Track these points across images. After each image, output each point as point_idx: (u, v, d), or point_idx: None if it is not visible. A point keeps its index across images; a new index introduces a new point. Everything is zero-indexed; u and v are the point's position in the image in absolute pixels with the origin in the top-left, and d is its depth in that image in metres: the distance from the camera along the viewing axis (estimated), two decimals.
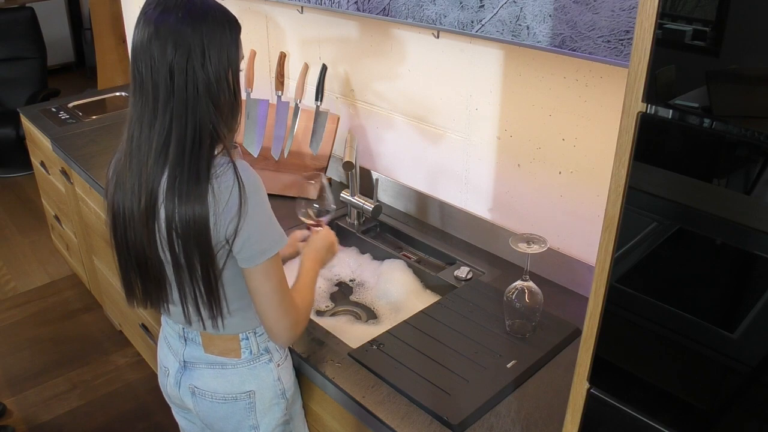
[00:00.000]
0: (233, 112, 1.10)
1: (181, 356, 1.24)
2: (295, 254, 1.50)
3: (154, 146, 1.05)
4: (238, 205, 1.03)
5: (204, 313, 1.12)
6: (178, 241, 1.05)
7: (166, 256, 1.10)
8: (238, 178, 1.04)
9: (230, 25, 1.07)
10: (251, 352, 1.21)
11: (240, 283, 1.14)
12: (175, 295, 1.15)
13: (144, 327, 2.32)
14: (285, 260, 1.49)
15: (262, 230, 1.08)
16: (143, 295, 1.19)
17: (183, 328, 1.22)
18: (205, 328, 1.17)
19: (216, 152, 1.07)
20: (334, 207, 1.47)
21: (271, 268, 1.10)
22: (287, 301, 1.14)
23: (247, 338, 1.20)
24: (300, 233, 1.48)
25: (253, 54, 2.03)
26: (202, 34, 1.02)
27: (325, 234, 1.39)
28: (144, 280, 1.15)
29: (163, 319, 1.29)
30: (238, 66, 1.10)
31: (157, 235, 1.09)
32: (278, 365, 1.24)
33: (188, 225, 1.03)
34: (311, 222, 1.44)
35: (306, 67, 1.96)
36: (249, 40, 2.25)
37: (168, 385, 1.29)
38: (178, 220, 1.04)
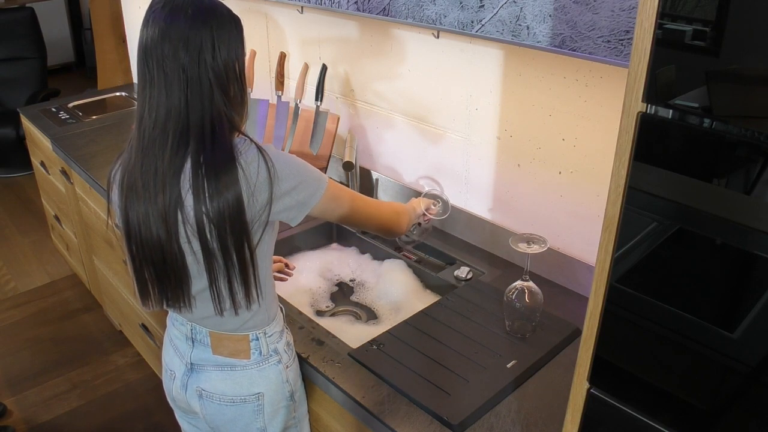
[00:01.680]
0: (242, 102, 1.15)
1: (188, 358, 1.23)
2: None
3: (170, 138, 1.05)
4: (267, 171, 1.07)
5: (239, 294, 1.13)
6: (210, 227, 1.06)
7: (191, 246, 1.09)
8: (259, 148, 1.08)
9: (235, 22, 1.10)
10: (261, 353, 1.20)
11: (266, 267, 1.17)
12: (198, 286, 1.14)
13: (144, 327, 2.32)
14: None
15: (302, 175, 1.13)
16: (159, 295, 1.16)
17: (191, 330, 1.21)
18: (237, 313, 1.15)
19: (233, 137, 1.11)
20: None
21: (333, 192, 1.19)
22: (371, 201, 1.31)
23: (257, 339, 1.20)
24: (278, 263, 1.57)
25: (253, 54, 2.03)
26: (211, 30, 1.05)
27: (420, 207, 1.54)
28: (161, 278, 1.14)
29: (169, 321, 1.28)
30: (244, 60, 1.13)
31: (182, 227, 1.08)
32: (287, 367, 1.24)
33: (222, 211, 1.05)
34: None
35: (306, 67, 1.96)
36: (249, 40, 2.25)
37: (174, 388, 1.28)
38: (210, 208, 1.04)
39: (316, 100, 1.90)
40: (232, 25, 1.09)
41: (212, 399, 1.22)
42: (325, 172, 1.97)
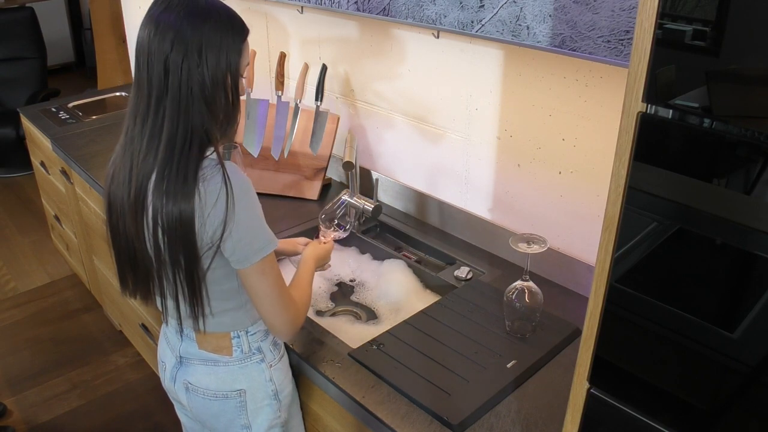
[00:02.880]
0: (229, 118, 1.09)
1: (178, 351, 1.25)
2: (294, 253, 1.51)
3: (145, 142, 1.06)
4: (225, 208, 1.03)
5: (185, 311, 1.13)
6: (164, 238, 1.06)
7: (151, 251, 1.11)
8: (225, 181, 1.03)
9: (234, 29, 1.06)
10: (242, 350, 1.21)
11: (228, 284, 1.15)
12: (160, 290, 1.16)
13: (144, 327, 2.32)
14: (282, 255, 1.54)
15: (253, 232, 1.08)
16: (134, 286, 1.20)
17: (180, 324, 1.23)
18: (183, 328, 1.19)
19: (207, 154, 1.06)
20: (350, 230, 1.64)
21: (266, 266, 1.11)
22: (285, 297, 1.15)
23: (239, 337, 1.21)
24: (304, 239, 1.52)
25: (253, 54, 2.02)
26: (201, 34, 1.02)
27: (329, 247, 1.46)
28: (134, 272, 1.17)
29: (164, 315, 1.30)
30: (239, 71, 1.08)
31: (145, 230, 1.10)
32: (270, 366, 1.24)
33: (174, 223, 1.04)
34: (325, 233, 1.55)
35: (306, 67, 1.96)
36: (249, 40, 2.25)
37: (165, 379, 1.31)
38: (164, 217, 1.04)
39: (316, 100, 1.90)
40: (229, 31, 1.05)
41: (197, 392, 1.24)
42: (326, 173, 1.98)
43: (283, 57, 1.97)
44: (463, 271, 1.60)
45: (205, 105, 1.04)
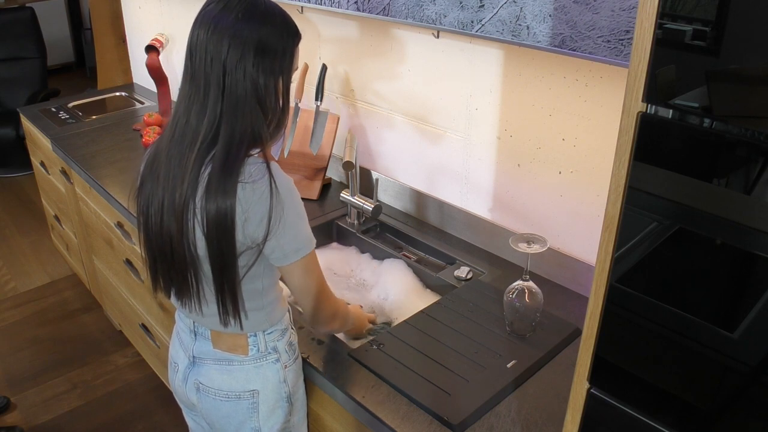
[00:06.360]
0: (278, 122, 1.11)
1: (191, 351, 1.24)
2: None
3: (199, 142, 1.05)
4: (269, 207, 1.04)
5: (229, 311, 1.12)
6: (207, 236, 1.06)
7: (193, 251, 1.10)
8: (272, 183, 1.05)
9: (288, 34, 1.07)
10: (258, 349, 1.20)
11: (253, 285, 1.15)
12: (197, 289, 1.15)
13: (144, 327, 2.32)
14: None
15: (295, 230, 1.10)
16: (165, 285, 1.19)
17: (194, 323, 1.22)
18: (225, 327, 1.16)
19: (253, 153, 1.07)
20: None
21: (311, 264, 1.15)
22: (327, 292, 1.22)
23: (255, 335, 1.20)
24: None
25: (306, 67, 2.02)
26: (258, 36, 1.03)
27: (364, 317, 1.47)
28: (170, 271, 1.15)
29: (177, 315, 1.29)
30: (290, 76, 1.10)
31: (186, 227, 1.08)
32: (285, 366, 1.24)
33: (213, 220, 1.04)
34: None
35: (306, 67, 1.96)
36: None
37: (176, 381, 1.29)
38: (206, 214, 1.04)
39: (316, 100, 1.90)
40: (284, 35, 1.06)
41: (208, 393, 1.23)
42: (326, 172, 1.98)
43: None
44: (463, 271, 1.60)
45: (259, 107, 1.05)
